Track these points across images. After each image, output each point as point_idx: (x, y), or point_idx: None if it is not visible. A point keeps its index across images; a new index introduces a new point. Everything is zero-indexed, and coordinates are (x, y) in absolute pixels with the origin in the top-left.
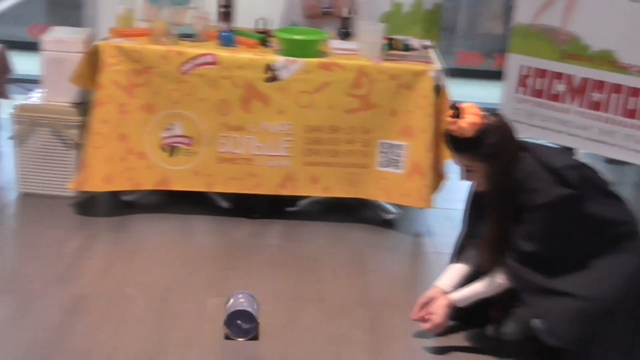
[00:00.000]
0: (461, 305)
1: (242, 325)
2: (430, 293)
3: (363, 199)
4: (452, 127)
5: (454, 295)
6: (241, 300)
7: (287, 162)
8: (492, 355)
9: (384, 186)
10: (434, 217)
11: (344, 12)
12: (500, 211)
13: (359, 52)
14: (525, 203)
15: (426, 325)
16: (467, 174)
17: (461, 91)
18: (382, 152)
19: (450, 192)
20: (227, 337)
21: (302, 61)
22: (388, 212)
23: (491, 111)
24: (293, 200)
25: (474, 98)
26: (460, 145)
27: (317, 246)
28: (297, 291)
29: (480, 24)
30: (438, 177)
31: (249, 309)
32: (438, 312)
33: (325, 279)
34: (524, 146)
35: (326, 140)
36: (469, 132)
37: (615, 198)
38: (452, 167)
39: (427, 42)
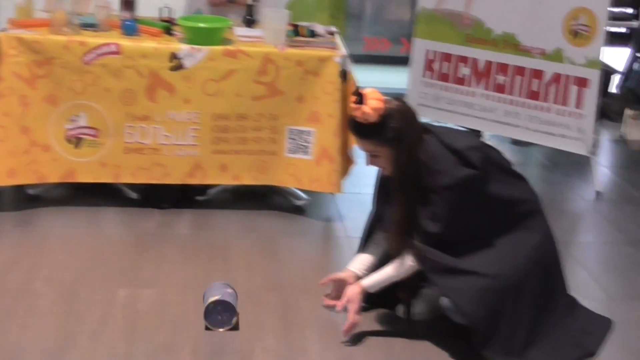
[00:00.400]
0: (373, 290)
1: (220, 315)
2: (342, 274)
3: (273, 185)
4: (356, 113)
5: (365, 281)
6: (221, 291)
7: (195, 151)
8: (403, 337)
9: (293, 172)
10: (344, 201)
11: (249, 0)
12: (406, 194)
13: (264, 39)
14: (430, 185)
15: (339, 305)
16: (372, 159)
17: (369, 77)
18: (290, 138)
19: (360, 177)
20: (207, 328)
21: (206, 49)
22: (298, 198)
23: (393, 96)
24: (203, 189)
25: (382, 83)
26: (364, 131)
27: (228, 234)
28: (208, 279)
29: (387, 10)
30: (347, 161)
31: (229, 300)
32: (354, 299)
33: (236, 266)
34: (427, 129)
35: (234, 128)
36: (373, 118)
37: (517, 177)
38: (360, 152)
39: (332, 29)
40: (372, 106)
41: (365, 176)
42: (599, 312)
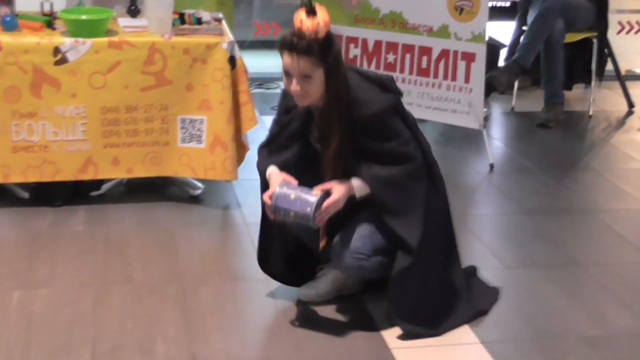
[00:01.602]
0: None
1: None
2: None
3: (168, 177)
4: (307, 25)
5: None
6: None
7: (85, 145)
8: (306, 324)
9: (188, 162)
10: (241, 188)
11: None
12: (342, 124)
13: (149, 28)
14: (359, 114)
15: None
16: (303, 81)
17: (261, 62)
18: (182, 127)
19: (254, 163)
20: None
21: (90, 41)
22: (194, 187)
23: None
24: (96, 184)
25: (275, 68)
26: (307, 47)
27: (124, 228)
28: (106, 275)
29: None
30: (241, 148)
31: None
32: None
33: (134, 260)
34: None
35: (124, 120)
36: (322, 32)
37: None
38: (254, 138)
39: (219, 15)
40: (324, 19)
41: None
42: (495, 280)
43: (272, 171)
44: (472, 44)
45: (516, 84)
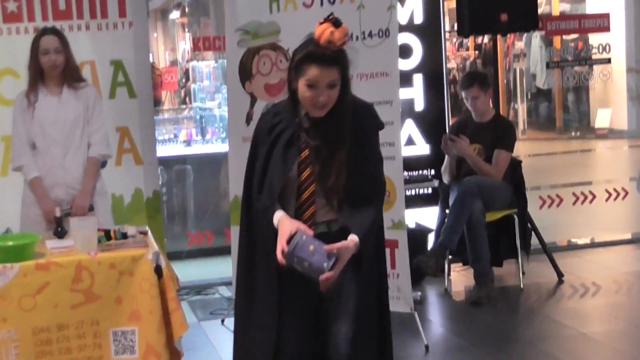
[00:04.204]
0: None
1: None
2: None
3: None
4: (339, 36)
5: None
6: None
7: None
8: None
9: None
10: None
11: (57, 212)
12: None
13: (75, 247)
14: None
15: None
16: (329, 92)
17: (199, 270)
18: (115, 340)
19: None
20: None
21: (18, 266)
22: None
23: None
24: None
25: (211, 275)
26: (337, 57)
27: None
28: None
29: (209, 204)
30: (175, 355)
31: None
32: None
33: None
34: None
35: (56, 339)
36: (347, 40)
37: None
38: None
39: (144, 228)
40: (346, 29)
41: None
42: None
43: (283, 217)
44: (394, 231)
45: (446, 266)
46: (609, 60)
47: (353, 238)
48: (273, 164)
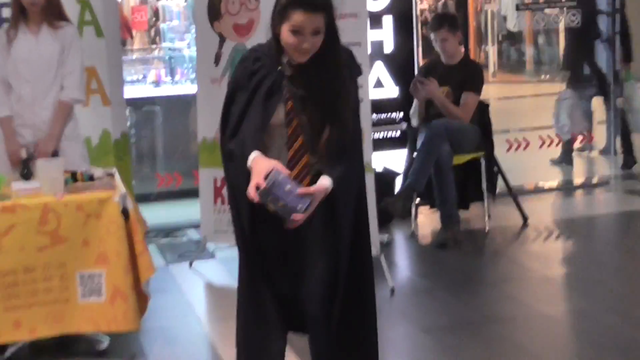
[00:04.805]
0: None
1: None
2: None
3: (72, 334)
4: None
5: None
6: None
7: None
8: None
9: (89, 316)
10: (147, 337)
11: (23, 154)
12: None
13: (41, 189)
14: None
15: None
16: (314, 39)
17: (168, 212)
18: (81, 283)
19: (160, 310)
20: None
21: None
22: (99, 341)
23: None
24: (1, 349)
25: (179, 217)
26: (323, 3)
27: None
28: None
29: (177, 145)
30: (142, 298)
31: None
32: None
33: None
34: None
35: (22, 281)
36: None
37: None
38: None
39: (111, 170)
40: None
41: (164, 309)
42: None
43: (258, 156)
44: None
45: (414, 209)
46: (577, 4)
47: (325, 181)
48: (252, 113)
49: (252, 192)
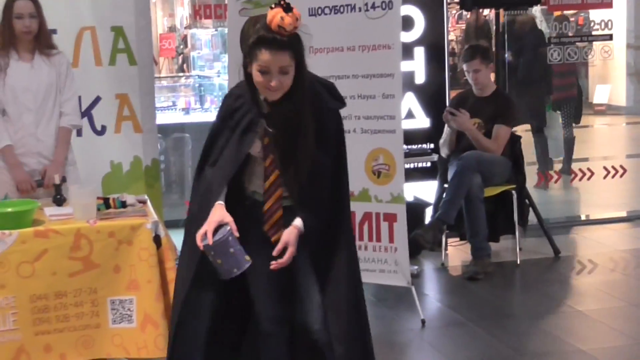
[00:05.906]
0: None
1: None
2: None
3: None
4: (289, 21)
5: (297, 221)
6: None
7: (16, 335)
8: None
9: (120, 342)
10: None
11: (56, 180)
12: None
13: (74, 215)
14: (321, 106)
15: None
16: (281, 78)
17: None
18: (112, 309)
19: None
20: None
21: (16, 232)
22: None
23: None
24: None
25: None
26: (289, 41)
27: None
28: None
29: None
30: None
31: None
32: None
33: None
34: None
35: (54, 306)
36: (298, 25)
37: None
38: None
39: (144, 197)
40: (299, 15)
41: None
42: None
43: (219, 204)
44: (393, 205)
45: (444, 240)
46: (610, 37)
47: (297, 223)
48: (228, 151)
49: (198, 238)
